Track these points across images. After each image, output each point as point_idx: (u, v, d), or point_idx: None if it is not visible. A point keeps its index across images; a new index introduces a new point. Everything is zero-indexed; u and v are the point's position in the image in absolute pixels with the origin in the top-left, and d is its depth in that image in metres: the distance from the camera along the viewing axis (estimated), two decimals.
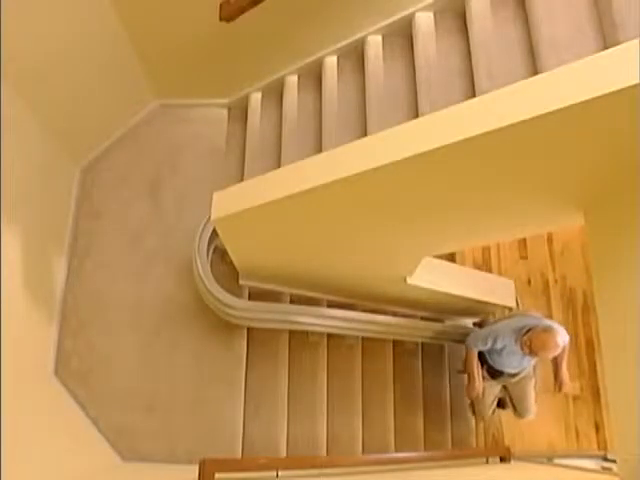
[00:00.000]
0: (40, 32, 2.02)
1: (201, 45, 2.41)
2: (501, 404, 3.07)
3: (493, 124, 1.19)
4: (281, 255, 2.37)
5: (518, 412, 2.96)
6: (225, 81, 2.74)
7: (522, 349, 2.52)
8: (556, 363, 2.79)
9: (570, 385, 2.81)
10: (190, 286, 2.62)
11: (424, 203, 1.71)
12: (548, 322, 2.60)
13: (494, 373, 2.88)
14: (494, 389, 2.95)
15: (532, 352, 2.47)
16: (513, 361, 2.72)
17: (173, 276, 2.70)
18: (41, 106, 2.31)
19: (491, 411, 3.04)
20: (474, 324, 3.39)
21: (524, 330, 2.52)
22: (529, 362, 2.77)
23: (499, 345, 2.64)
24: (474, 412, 3.11)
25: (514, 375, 2.84)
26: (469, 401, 3.11)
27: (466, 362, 2.92)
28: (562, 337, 2.46)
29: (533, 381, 2.93)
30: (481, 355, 2.86)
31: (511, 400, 2.97)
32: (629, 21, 1.47)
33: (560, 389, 2.80)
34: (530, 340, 2.45)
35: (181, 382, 2.55)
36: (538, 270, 3.68)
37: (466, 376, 2.98)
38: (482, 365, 2.90)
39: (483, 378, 2.90)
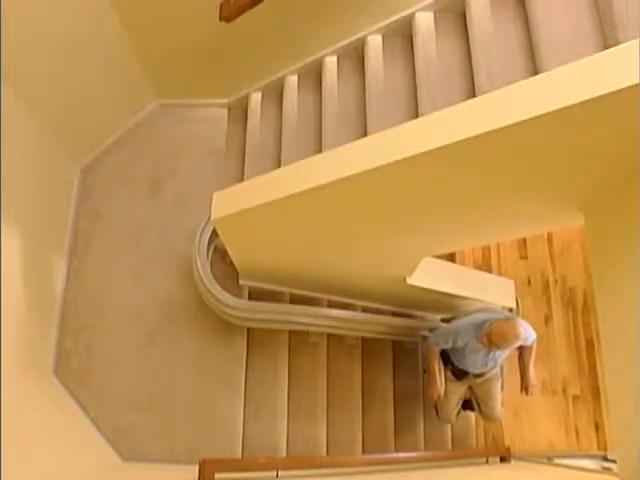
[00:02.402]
0: (40, 32, 2.02)
1: (201, 45, 2.41)
2: (468, 405, 2.93)
3: (493, 124, 1.19)
4: (281, 255, 2.37)
5: (484, 414, 2.85)
6: (225, 81, 2.74)
7: (482, 341, 2.39)
8: (523, 363, 2.66)
9: (537, 388, 2.69)
10: (190, 286, 2.62)
11: (424, 203, 1.71)
12: (511, 315, 2.48)
13: (459, 374, 2.75)
14: (459, 390, 2.80)
15: (491, 343, 2.33)
16: (477, 360, 2.58)
17: (173, 276, 2.70)
18: (41, 106, 2.31)
19: (455, 413, 2.90)
20: (442, 320, 3.23)
21: (485, 325, 2.39)
22: (495, 362, 2.62)
23: (460, 343, 2.50)
24: (437, 414, 2.94)
25: (479, 375, 2.72)
26: (434, 402, 2.90)
27: (427, 361, 2.78)
28: (525, 330, 2.36)
29: (500, 382, 2.80)
30: (446, 355, 2.73)
31: (477, 401, 2.85)
32: (629, 21, 1.47)
33: (527, 392, 2.66)
34: (490, 330, 2.33)
35: (181, 382, 2.55)
36: (538, 270, 3.68)
37: (427, 376, 2.82)
38: (446, 365, 2.77)
39: (447, 379, 2.77)
